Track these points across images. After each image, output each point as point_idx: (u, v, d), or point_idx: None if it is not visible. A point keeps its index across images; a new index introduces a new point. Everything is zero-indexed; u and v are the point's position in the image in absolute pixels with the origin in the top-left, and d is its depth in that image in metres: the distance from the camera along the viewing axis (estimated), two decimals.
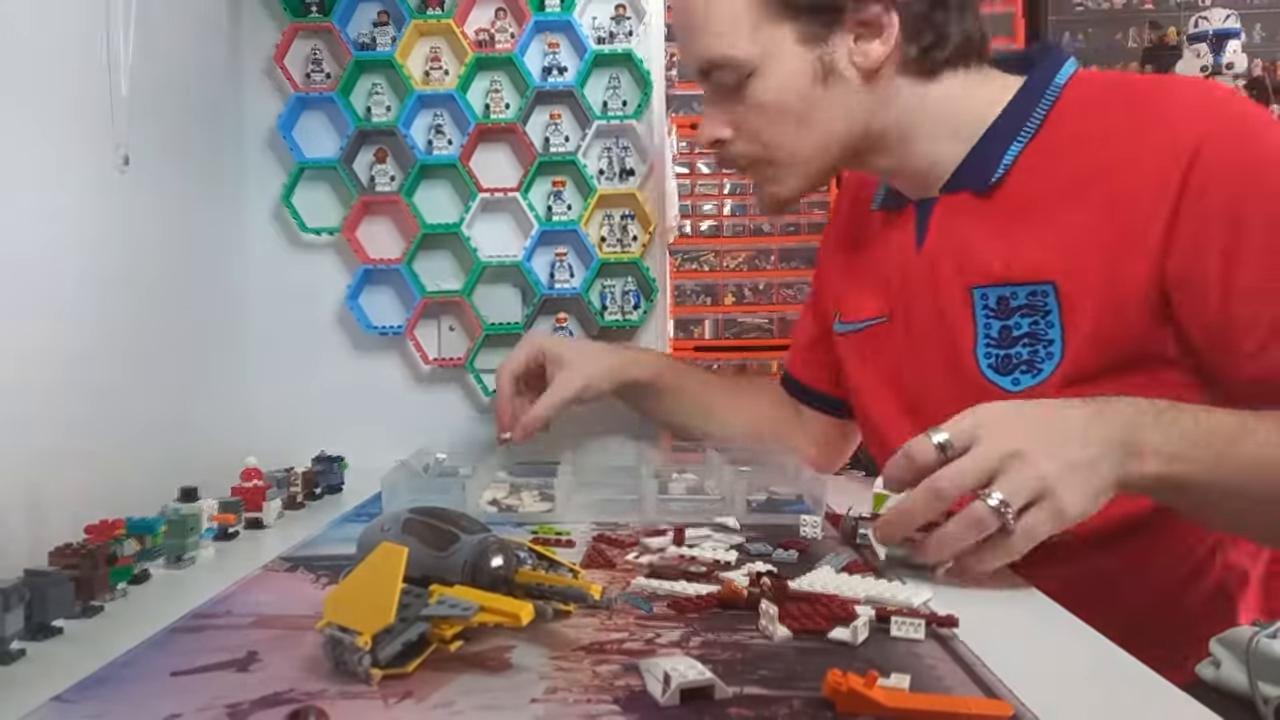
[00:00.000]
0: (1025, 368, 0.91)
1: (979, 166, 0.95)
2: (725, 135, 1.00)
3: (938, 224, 0.99)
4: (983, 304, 0.94)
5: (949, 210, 0.98)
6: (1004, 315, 0.92)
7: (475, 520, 0.72)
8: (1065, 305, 0.88)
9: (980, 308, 0.94)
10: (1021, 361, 0.91)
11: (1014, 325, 0.91)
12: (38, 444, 0.90)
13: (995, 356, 0.93)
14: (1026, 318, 0.90)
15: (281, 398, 1.43)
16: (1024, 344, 0.91)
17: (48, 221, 0.94)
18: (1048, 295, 0.89)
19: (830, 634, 0.65)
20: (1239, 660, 0.69)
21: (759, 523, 1.00)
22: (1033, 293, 0.90)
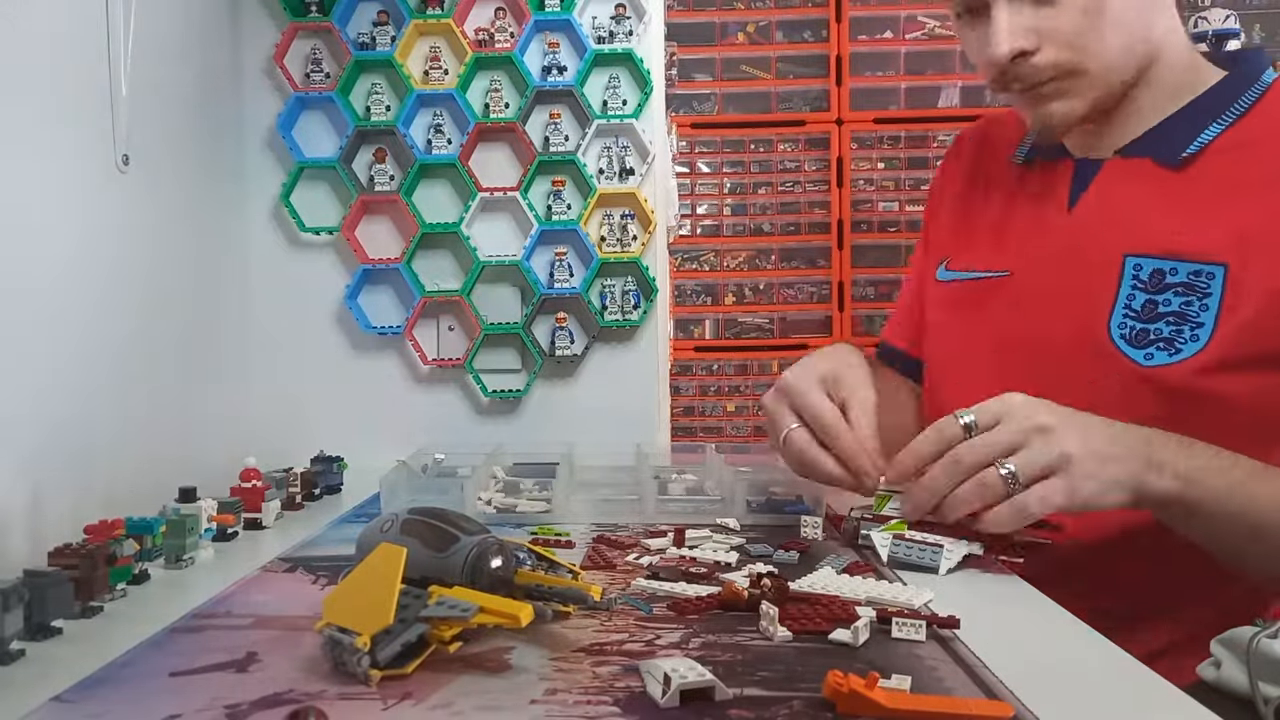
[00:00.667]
0: (1163, 345, 0.89)
1: (1173, 137, 0.93)
2: (1031, 44, 0.91)
3: (1100, 185, 0.97)
4: (1134, 274, 0.91)
5: (1119, 174, 0.96)
6: (1154, 289, 0.90)
7: (474, 521, 0.72)
8: (1230, 290, 0.87)
9: (1129, 277, 0.92)
10: (1161, 338, 0.89)
11: (1162, 301, 0.89)
12: (37, 444, 0.90)
13: (1131, 328, 0.90)
14: (1180, 296, 0.89)
15: (280, 398, 1.43)
16: (1168, 321, 0.89)
17: (47, 221, 0.93)
18: (1214, 277, 0.87)
19: (831, 635, 0.65)
20: (1239, 660, 0.69)
21: (759, 523, 1.00)
22: (1196, 272, 0.88)
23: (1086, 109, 0.95)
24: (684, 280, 2.71)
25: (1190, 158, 0.92)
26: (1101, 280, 0.93)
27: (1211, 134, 0.92)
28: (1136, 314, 0.91)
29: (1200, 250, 0.89)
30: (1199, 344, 0.87)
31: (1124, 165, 0.96)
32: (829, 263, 2.70)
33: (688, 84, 2.69)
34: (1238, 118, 0.92)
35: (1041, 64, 0.92)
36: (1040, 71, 0.93)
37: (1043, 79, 0.94)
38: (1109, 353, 0.91)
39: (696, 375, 2.72)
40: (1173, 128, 0.94)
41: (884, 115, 2.68)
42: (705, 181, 2.73)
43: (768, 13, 2.70)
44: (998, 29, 0.91)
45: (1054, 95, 0.95)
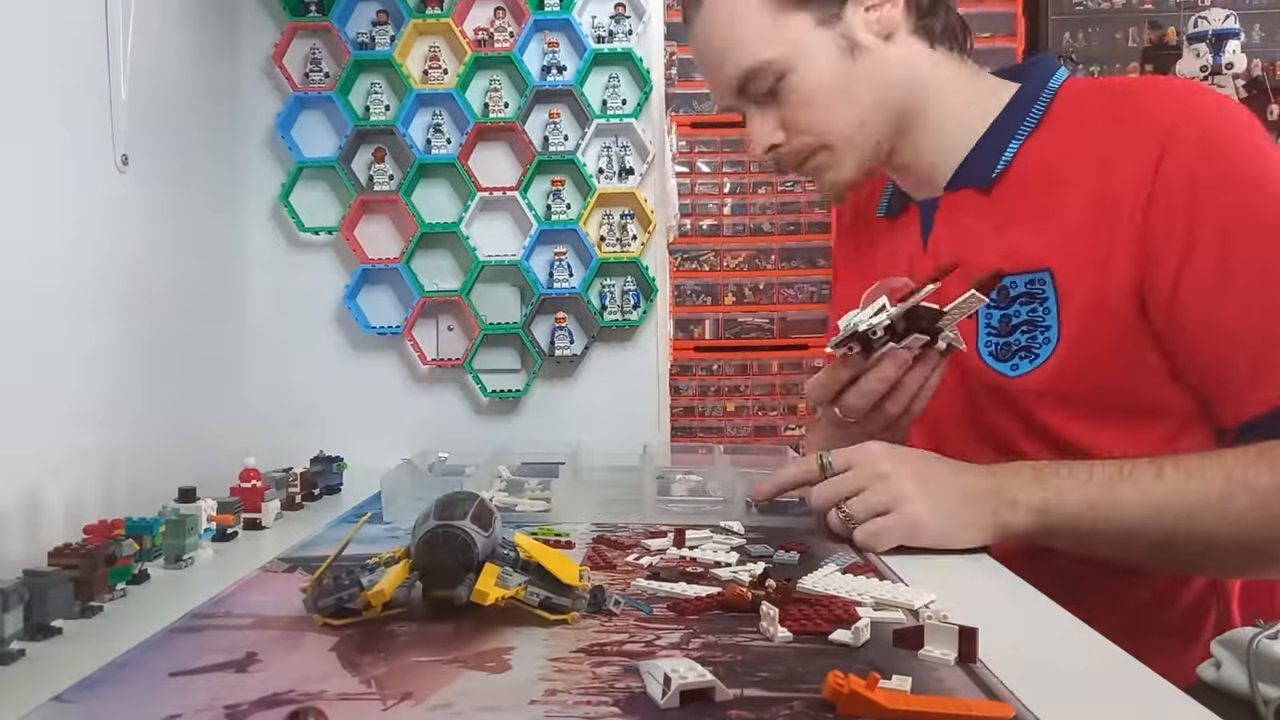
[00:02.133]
0: (1023, 354, 0.95)
1: (981, 163, 0.99)
2: (778, 139, 1.02)
3: (941, 221, 1.03)
4: None
5: (952, 207, 1.02)
6: (1004, 305, 0.96)
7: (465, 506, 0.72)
8: (1061, 292, 0.93)
9: None
10: (1020, 348, 0.95)
11: (1014, 314, 0.95)
12: (37, 444, 0.90)
13: (995, 345, 0.96)
14: (1025, 305, 0.95)
15: (280, 398, 1.43)
16: (1022, 330, 0.95)
17: (47, 221, 0.93)
18: (1045, 282, 0.93)
19: (831, 636, 0.65)
20: (1239, 661, 0.69)
21: (760, 524, 1.00)
22: (1030, 280, 0.94)
23: (850, 175, 1.03)
24: (684, 280, 2.71)
25: (999, 176, 0.98)
26: None
27: (1011, 151, 0.97)
28: (996, 330, 0.97)
29: (1026, 260, 0.94)
30: (1051, 345, 0.93)
31: (954, 198, 1.02)
32: (829, 263, 2.70)
33: (688, 84, 2.69)
34: (1032, 129, 0.97)
35: (789, 152, 1.03)
36: (794, 156, 1.04)
37: (799, 161, 1.04)
38: (983, 373, 0.97)
39: (696, 375, 2.73)
40: (980, 153, 0.99)
41: None
42: (705, 181, 2.73)
43: None
44: (750, 133, 1.04)
45: (817, 171, 1.04)
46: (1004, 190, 0.98)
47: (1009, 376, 0.95)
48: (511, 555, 0.72)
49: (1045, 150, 0.96)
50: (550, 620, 0.69)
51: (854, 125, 1.00)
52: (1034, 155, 0.96)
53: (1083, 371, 0.92)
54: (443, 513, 0.69)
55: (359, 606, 0.68)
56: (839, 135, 1.01)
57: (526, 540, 0.74)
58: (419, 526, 0.69)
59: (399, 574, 0.68)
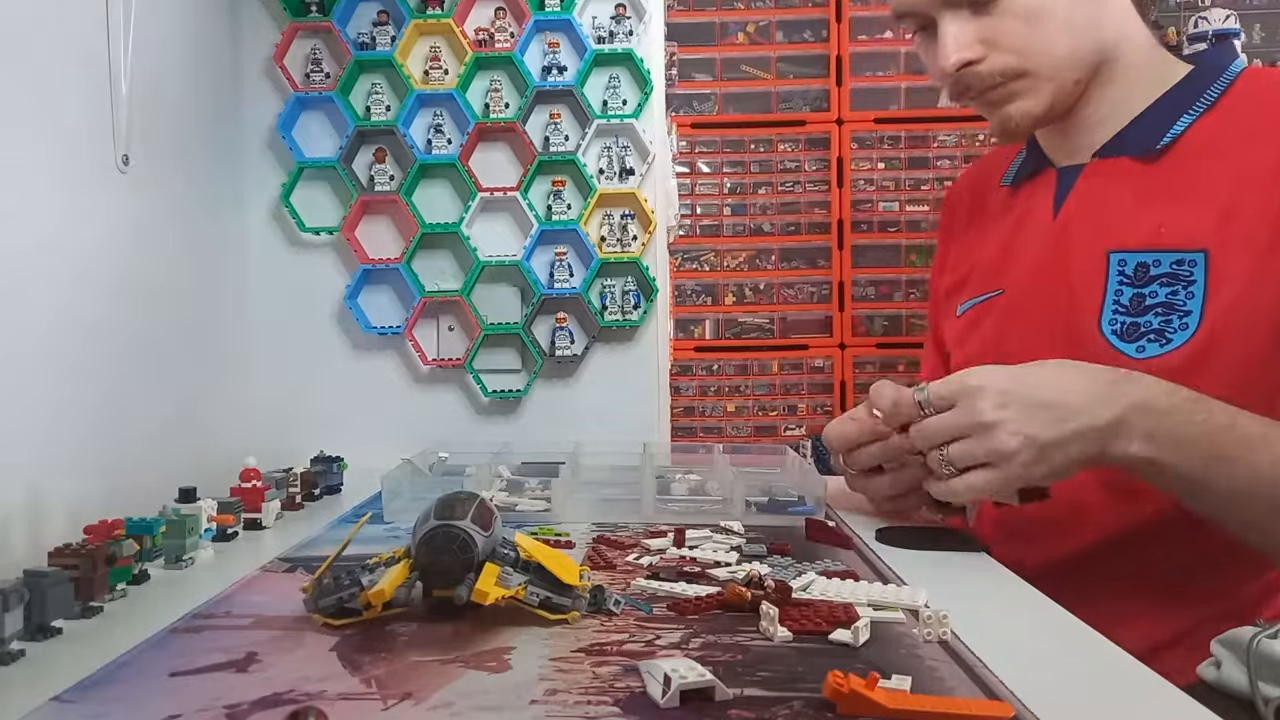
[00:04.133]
0: (1153, 336, 0.90)
1: (1146, 132, 0.96)
2: (976, 54, 0.96)
3: (1081, 189, 0.99)
4: (1119, 269, 0.93)
5: (1098, 175, 0.98)
6: (1140, 283, 0.91)
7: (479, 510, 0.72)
8: (1213, 277, 0.88)
9: (1115, 273, 0.93)
10: (1150, 330, 0.90)
11: (1149, 293, 0.91)
12: (38, 444, 0.90)
13: (1121, 323, 0.92)
14: (1165, 287, 0.90)
15: (280, 398, 1.43)
16: (1156, 313, 0.90)
17: (46, 221, 0.93)
18: (1196, 265, 0.89)
19: (831, 636, 0.65)
20: (1239, 661, 0.69)
21: (760, 524, 1.00)
22: (1179, 261, 0.90)
23: (1043, 109, 0.98)
24: (684, 280, 2.71)
25: (1164, 149, 0.94)
26: (1090, 279, 0.95)
27: (1183, 125, 0.94)
28: (1126, 309, 0.92)
29: (1180, 240, 0.90)
30: (1188, 332, 0.89)
31: (1103, 166, 0.98)
32: (829, 263, 2.70)
33: (688, 84, 2.68)
34: (1208, 107, 0.94)
35: (987, 71, 0.96)
36: (987, 78, 0.97)
37: (991, 84, 0.97)
38: (1103, 350, 0.92)
39: (696, 375, 2.72)
40: (1145, 123, 0.96)
41: (884, 115, 2.68)
42: (705, 181, 2.73)
43: (768, 13, 2.69)
44: (944, 42, 0.96)
45: (1007, 99, 0.98)
46: (1166, 163, 0.94)
47: (1132, 358, 0.90)
48: (511, 555, 0.72)
49: (1217, 132, 0.92)
50: (550, 620, 0.69)
51: (1064, 56, 0.95)
52: (1204, 134, 0.93)
53: (1219, 366, 0.87)
54: (443, 513, 0.69)
55: (359, 606, 0.68)
56: (1047, 62, 0.95)
57: (526, 540, 0.74)
58: (419, 526, 0.69)
59: (399, 574, 0.68)
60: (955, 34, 0.96)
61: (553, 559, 0.72)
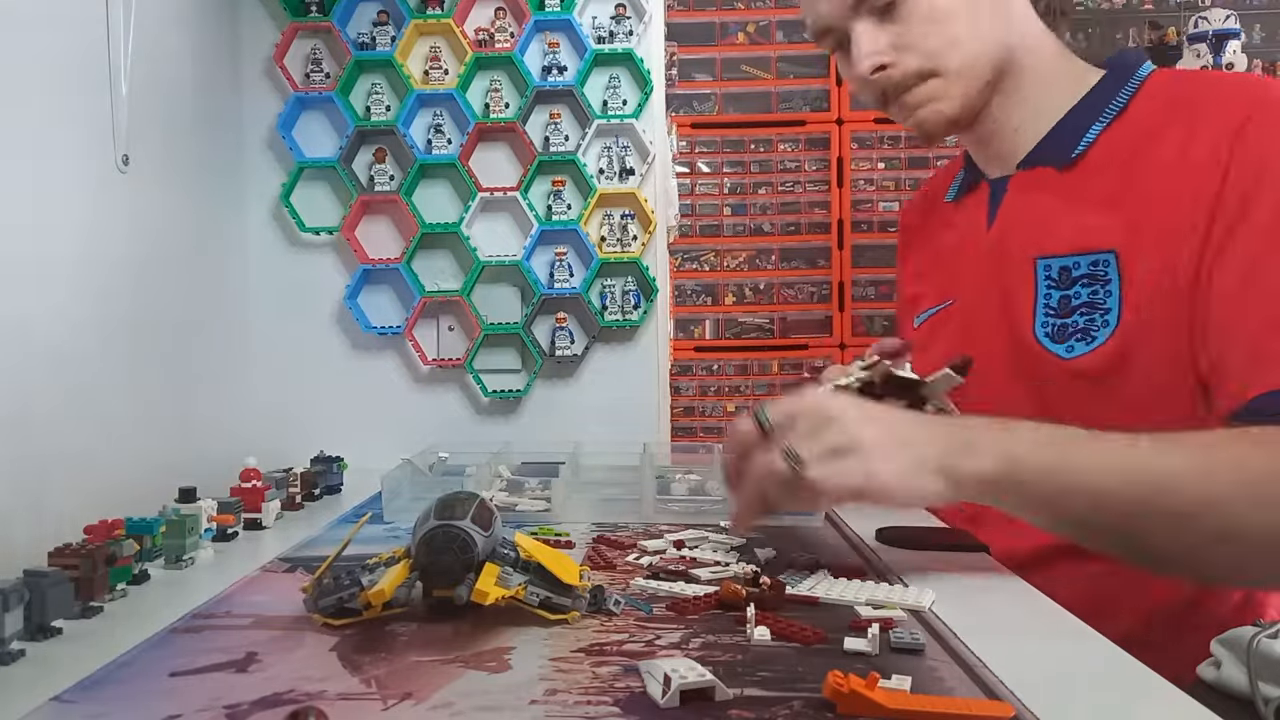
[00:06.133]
0: (1080, 335, 0.93)
1: (1061, 142, 0.99)
2: (888, 58, 0.99)
3: (1010, 200, 1.02)
4: (1045, 274, 0.96)
5: (1023, 186, 1.02)
6: (1065, 285, 0.95)
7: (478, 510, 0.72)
8: (1124, 274, 0.91)
9: (1042, 278, 0.97)
10: (1077, 330, 0.93)
11: (1073, 295, 0.94)
12: (38, 444, 0.90)
13: (1052, 325, 0.95)
14: (1086, 287, 0.94)
15: (280, 398, 1.43)
16: (1081, 312, 0.94)
17: (47, 221, 0.93)
18: (1109, 264, 0.92)
19: (846, 645, 0.65)
20: (1239, 660, 0.69)
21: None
22: (1094, 262, 0.93)
23: (955, 110, 1.00)
24: (684, 280, 2.71)
25: (1079, 157, 0.97)
26: (1022, 286, 0.98)
27: (1095, 132, 0.97)
28: (1055, 311, 0.95)
29: (1094, 241, 0.94)
30: (1109, 328, 0.91)
31: (1027, 176, 1.02)
32: (829, 263, 2.70)
33: (688, 84, 2.69)
34: (1117, 113, 0.97)
35: (899, 74, 0.99)
36: (901, 81, 1.00)
37: (905, 87, 1.00)
38: (1037, 353, 0.96)
39: (696, 375, 2.73)
40: (1060, 132, 0.99)
41: (884, 115, 2.68)
42: (705, 181, 2.73)
43: (768, 13, 2.70)
44: (857, 49, 0.99)
45: (921, 100, 1.01)
46: (1081, 171, 0.97)
47: (1063, 358, 0.93)
48: (511, 555, 0.72)
49: (1126, 136, 0.96)
50: (550, 620, 0.69)
51: (970, 56, 0.99)
52: (1114, 140, 0.96)
53: (1136, 357, 0.90)
54: (443, 513, 0.69)
55: (359, 606, 0.68)
56: (954, 62, 0.98)
57: (526, 540, 0.74)
58: (419, 526, 0.70)
59: (399, 574, 0.68)
60: (867, 41, 0.99)
61: (553, 559, 0.72)
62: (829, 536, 0.96)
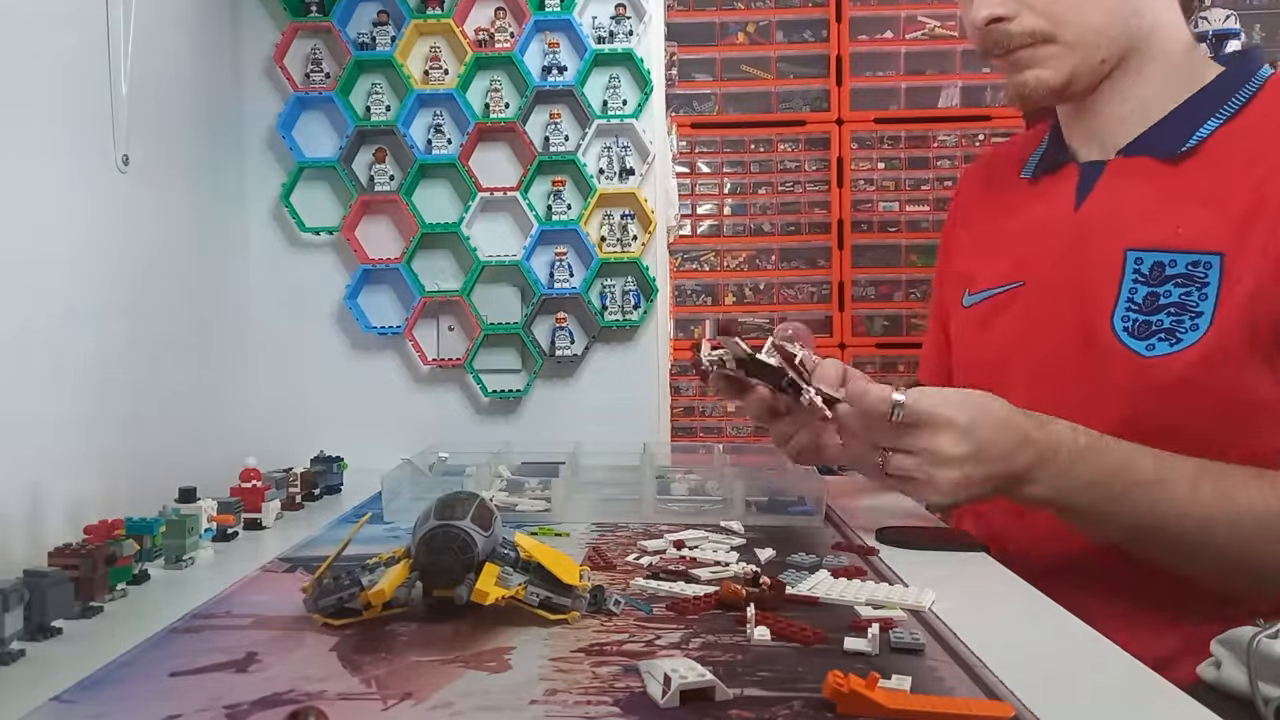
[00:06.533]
0: (1164, 335, 0.91)
1: (1171, 133, 0.96)
2: (1008, 10, 0.96)
3: (1104, 185, 0.99)
4: (1134, 268, 0.94)
5: (1120, 173, 0.99)
6: (1154, 282, 0.92)
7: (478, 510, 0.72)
8: (1227, 279, 0.89)
9: (1130, 271, 0.94)
10: (1162, 329, 0.91)
11: (1163, 293, 0.92)
12: (38, 444, 0.90)
13: (1133, 321, 0.93)
14: (1180, 287, 0.91)
15: (280, 398, 1.43)
16: (1168, 312, 0.91)
17: (46, 221, 0.93)
18: (1211, 267, 0.90)
19: (846, 645, 0.65)
20: (1239, 660, 0.69)
21: (760, 524, 1.00)
22: (1194, 262, 0.91)
23: (1060, 80, 0.98)
24: (684, 280, 2.71)
25: (1189, 152, 0.94)
26: (1105, 275, 0.95)
27: (1209, 128, 0.94)
28: (1139, 307, 0.93)
29: (1197, 241, 0.91)
30: (1198, 332, 0.89)
31: (1126, 164, 0.98)
32: (829, 263, 2.70)
33: (688, 84, 2.68)
34: (1235, 112, 0.94)
35: (1016, 30, 0.97)
36: (1014, 38, 0.97)
37: (1017, 45, 0.98)
38: (1112, 346, 0.93)
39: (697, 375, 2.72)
40: (1171, 124, 0.96)
41: (884, 115, 2.68)
42: (705, 181, 2.73)
43: (768, 13, 2.69)
44: None
45: (1029, 63, 0.98)
46: (1189, 166, 0.94)
47: (1142, 355, 0.91)
48: (511, 555, 0.72)
49: (1242, 137, 0.93)
50: (550, 620, 0.69)
51: (1094, 28, 0.96)
52: (1228, 139, 0.93)
53: (1223, 368, 0.88)
54: (443, 513, 0.69)
55: (359, 606, 0.68)
56: (1075, 30, 0.96)
57: (526, 540, 0.74)
58: (419, 526, 0.70)
59: (399, 574, 0.68)
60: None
61: (553, 559, 0.72)
62: (829, 536, 0.96)
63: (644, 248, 1.43)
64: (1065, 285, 0.99)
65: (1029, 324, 1.02)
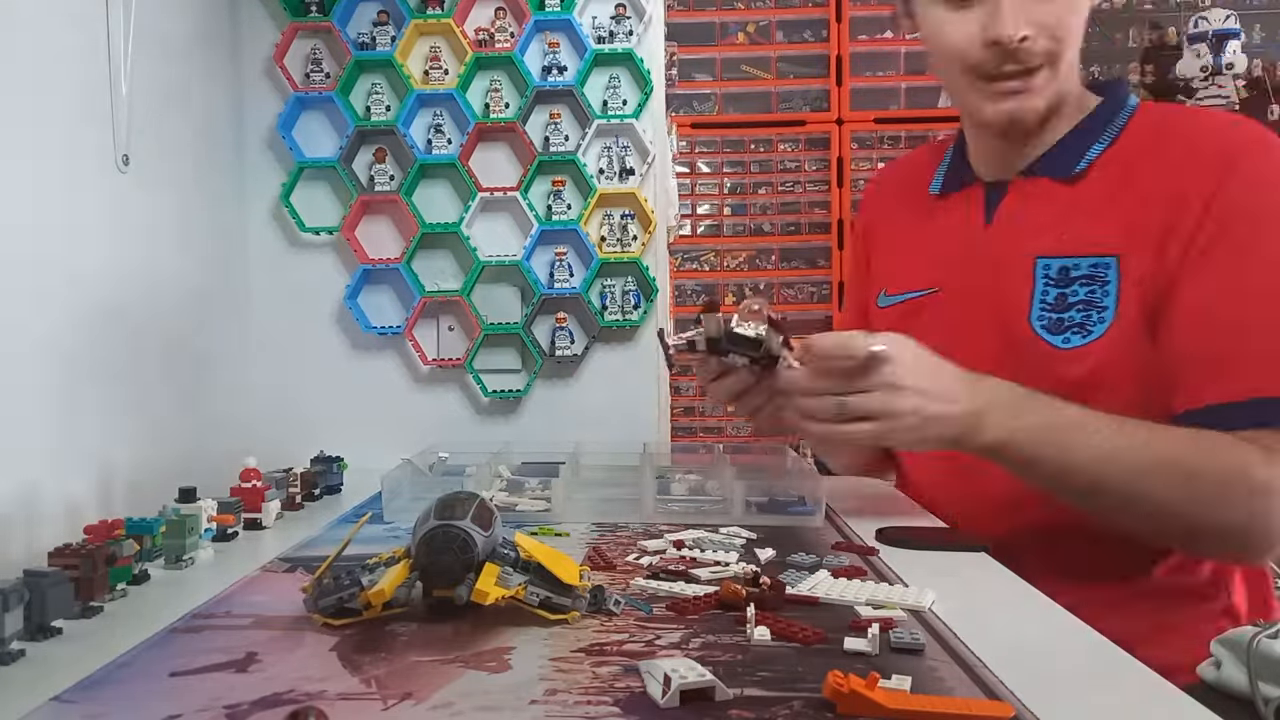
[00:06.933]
0: (1076, 329, 1.01)
1: (1064, 157, 1.06)
2: (1030, 32, 1.00)
3: (1010, 202, 1.08)
4: (1044, 273, 1.03)
5: (1022, 191, 1.08)
6: (1063, 284, 1.02)
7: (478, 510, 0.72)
8: (1124, 277, 0.99)
9: (1040, 276, 1.03)
10: (1074, 324, 1.01)
11: (1071, 293, 1.02)
12: (38, 444, 0.90)
13: (1048, 319, 1.02)
14: (1085, 286, 1.01)
15: (280, 398, 1.43)
16: (1078, 309, 1.01)
17: (47, 221, 0.93)
18: (1110, 267, 1.00)
19: (846, 645, 0.65)
20: (1239, 661, 0.69)
21: (761, 524, 1.00)
22: (1095, 264, 1.01)
23: (1043, 106, 1.03)
24: (684, 280, 2.71)
25: (1080, 173, 1.05)
26: (1019, 281, 1.04)
27: (1096, 151, 1.05)
28: (1051, 306, 1.03)
29: (1095, 246, 1.01)
30: (1105, 324, 0.99)
31: (1026, 184, 1.08)
32: (829, 263, 2.70)
33: (688, 84, 2.69)
34: (1115, 136, 1.05)
35: (1035, 50, 1.00)
36: (1034, 57, 1.01)
37: (1035, 65, 1.02)
38: (1033, 342, 1.02)
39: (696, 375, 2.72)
40: (1064, 148, 1.06)
41: (884, 115, 2.68)
42: (705, 181, 2.73)
43: (768, 13, 2.70)
44: (1005, 11, 0.99)
45: (1027, 89, 1.03)
46: (1081, 184, 1.04)
47: (1059, 348, 1.01)
48: (511, 555, 0.72)
49: (1121, 156, 1.03)
50: (550, 620, 0.69)
51: (1073, 57, 1.03)
52: (1111, 159, 1.04)
53: (1131, 353, 0.97)
54: (443, 513, 0.69)
55: (359, 606, 0.68)
56: (1068, 58, 1.03)
57: (526, 540, 0.74)
58: (419, 526, 0.70)
59: (399, 574, 0.68)
60: (1013, 11, 0.99)
61: (553, 559, 0.72)
62: (829, 536, 0.96)
63: (644, 248, 1.43)
64: (982, 291, 1.07)
65: (948, 326, 1.08)
